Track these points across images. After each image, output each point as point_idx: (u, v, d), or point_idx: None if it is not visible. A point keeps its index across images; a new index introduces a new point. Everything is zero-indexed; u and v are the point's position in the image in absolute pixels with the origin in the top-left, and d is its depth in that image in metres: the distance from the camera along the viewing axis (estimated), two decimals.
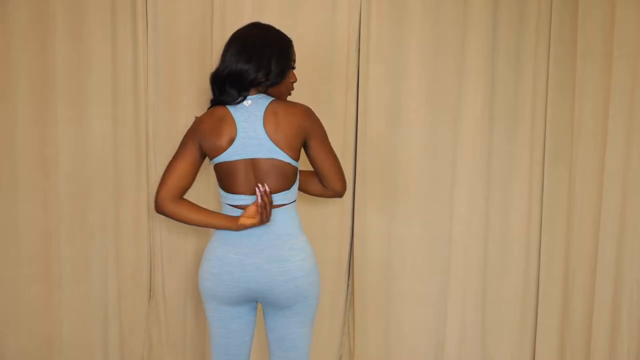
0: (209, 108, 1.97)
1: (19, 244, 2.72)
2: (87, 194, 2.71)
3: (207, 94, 2.63)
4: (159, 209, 1.93)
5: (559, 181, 2.76)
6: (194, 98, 2.70)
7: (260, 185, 1.87)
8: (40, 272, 2.74)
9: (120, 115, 2.69)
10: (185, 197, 1.95)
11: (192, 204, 1.93)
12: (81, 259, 2.74)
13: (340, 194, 2.03)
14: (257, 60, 1.89)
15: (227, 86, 1.91)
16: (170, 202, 1.91)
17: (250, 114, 1.89)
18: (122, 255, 2.76)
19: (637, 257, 2.71)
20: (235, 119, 1.89)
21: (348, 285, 2.82)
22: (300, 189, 2.04)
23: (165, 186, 1.91)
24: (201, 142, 1.92)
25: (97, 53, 2.66)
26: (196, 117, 2.00)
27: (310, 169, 2.02)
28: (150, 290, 2.80)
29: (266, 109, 1.89)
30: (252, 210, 1.88)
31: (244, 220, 1.88)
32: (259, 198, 1.86)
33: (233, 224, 1.90)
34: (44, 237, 2.72)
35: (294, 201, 1.97)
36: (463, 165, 2.74)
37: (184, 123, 2.68)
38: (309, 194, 2.08)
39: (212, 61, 2.62)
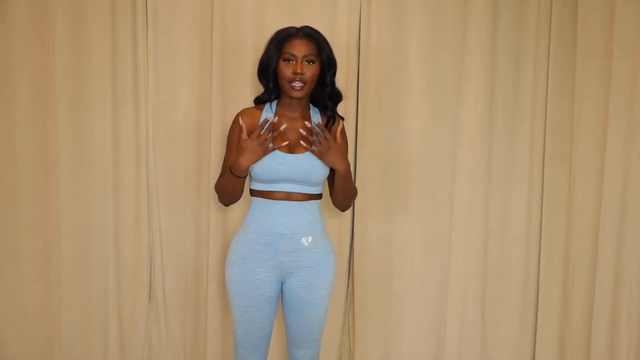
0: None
1: (19, 244, 2.71)
2: (87, 194, 2.71)
3: (208, 94, 2.65)
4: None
5: (559, 181, 2.77)
6: (194, 98, 2.70)
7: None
8: (40, 272, 2.73)
9: (120, 115, 2.68)
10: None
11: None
12: (81, 259, 2.74)
13: None
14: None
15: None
16: None
17: None
18: (122, 255, 2.75)
19: (637, 257, 2.72)
20: None
21: (348, 285, 2.82)
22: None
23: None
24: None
25: (97, 53, 2.65)
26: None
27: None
28: (150, 290, 2.80)
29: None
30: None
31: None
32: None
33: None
34: (44, 237, 2.72)
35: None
36: (463, 165, 2.74)
37: (184, 123, 2.69)
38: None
39: (212, 61, 2.62)
